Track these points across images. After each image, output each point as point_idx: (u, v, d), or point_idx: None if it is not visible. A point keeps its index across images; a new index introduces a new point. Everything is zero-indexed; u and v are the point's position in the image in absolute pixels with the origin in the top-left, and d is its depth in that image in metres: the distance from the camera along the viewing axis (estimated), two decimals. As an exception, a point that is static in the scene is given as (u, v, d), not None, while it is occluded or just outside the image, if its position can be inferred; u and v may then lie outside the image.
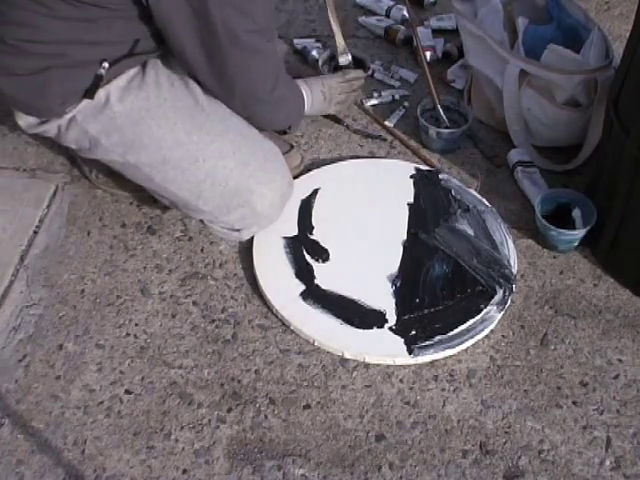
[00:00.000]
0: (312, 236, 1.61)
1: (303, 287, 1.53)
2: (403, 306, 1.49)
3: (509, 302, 1.50)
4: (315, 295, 1.51)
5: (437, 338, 1.44)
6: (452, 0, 1.83)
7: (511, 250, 1.58)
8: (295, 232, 1.62)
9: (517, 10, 1.80)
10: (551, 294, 1.54)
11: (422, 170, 1.75)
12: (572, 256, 1.60)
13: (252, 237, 1.60)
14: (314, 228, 1.62)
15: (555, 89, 1.69)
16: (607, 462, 1.31)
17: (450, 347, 1.44)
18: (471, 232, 1.62)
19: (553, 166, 1.75)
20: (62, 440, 1.34)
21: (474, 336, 1.45)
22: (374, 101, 1.94)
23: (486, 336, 1.47)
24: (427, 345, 1.44)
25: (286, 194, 1.59)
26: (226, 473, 1.30)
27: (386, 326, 1.47)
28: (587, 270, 1.58)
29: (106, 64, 1.41)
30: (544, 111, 1.72)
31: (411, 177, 1.73)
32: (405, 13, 2.10)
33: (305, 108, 1.70)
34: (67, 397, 1.39)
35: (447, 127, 1.79)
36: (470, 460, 1.32)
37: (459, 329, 1.46)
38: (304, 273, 1.55)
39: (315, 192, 1.69)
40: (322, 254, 1.58)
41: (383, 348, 1.44)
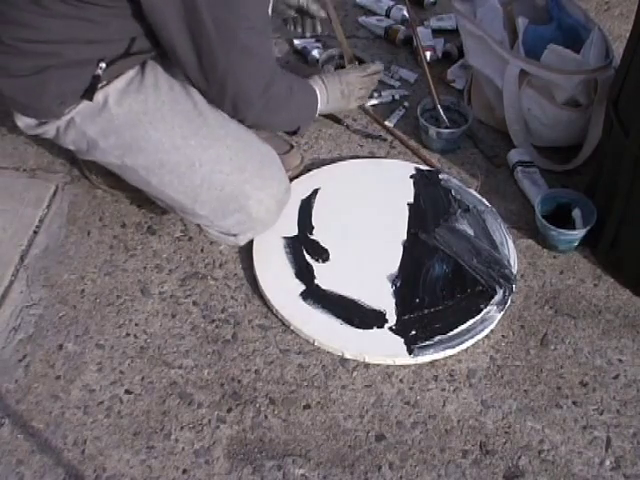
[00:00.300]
0: (312, 236, 1.61)
1: (303, 287, 1.53)
2: (403, 306, 1.49)
3: (509, 302, 1.50)
4: (315, 295, 1.51)
5: (437, 338, 1.44)
6: (452, 0, 1.83)
7: (511, 250, 1.58)
8: (295, 232, 1.62)
9: (517, 10, 1.80)
10: (551, 294, 1.54)
11: (422, 170, 1.75)
12: (572, 256, 1.60)
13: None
14: (314, 228, 1.62)
15: (555, 89, 1.69)
16: (607, 462, 1.31)
17: (450, 347, 1.44)
18: (471, 232, 1.62)
19: (553, 166, 1.75)
20: (62, 440, 1.34)
21: (474, 336, 1.45)
22: (374, 101, 1.93)
23: (486, 336, 1.47)
24: (427, 345, 1.44)
25: (283, 200, 1.58)
26: (226, 473, 1.30)
27: (386, 326, 1.47)
28: (587, 270, 1.58)
29: (103, 64, 1.41)
30: (544, 111, 1.72)
31: (411, 177, 1.73)
32: (405, 13, 2.09)
33: (318, 107, 1.69)
34: (67, 397, 1.39)
35: (447, 127, 1.79)
36: (470, 460, 1.32)
37: (459, 329, 1.46)
38: (304, 273, 1.55)
39: (315, 192, 1.69)
40: (322, 254, 1.58)
41: (383, 348, 1.44)
